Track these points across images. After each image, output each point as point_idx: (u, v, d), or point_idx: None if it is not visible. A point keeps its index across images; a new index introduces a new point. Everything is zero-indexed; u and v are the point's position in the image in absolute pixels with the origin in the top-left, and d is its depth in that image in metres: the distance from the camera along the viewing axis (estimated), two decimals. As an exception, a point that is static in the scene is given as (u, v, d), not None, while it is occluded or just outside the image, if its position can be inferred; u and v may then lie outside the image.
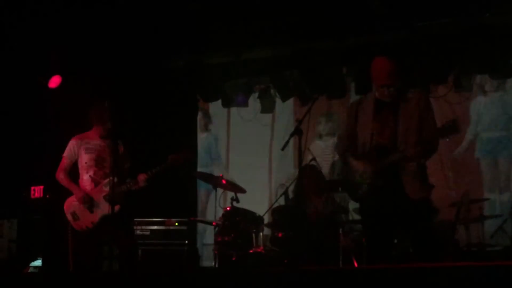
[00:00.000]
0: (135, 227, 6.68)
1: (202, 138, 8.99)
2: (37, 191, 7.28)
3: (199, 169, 8.60)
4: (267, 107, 8.61)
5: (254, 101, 8.61)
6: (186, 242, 6.86)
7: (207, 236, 8.33)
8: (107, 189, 5.68)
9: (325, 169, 7.90)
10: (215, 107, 8.90)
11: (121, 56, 7.66)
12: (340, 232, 6.32)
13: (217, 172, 7.85)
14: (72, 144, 5.92)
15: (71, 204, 5.80)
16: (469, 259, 6.63)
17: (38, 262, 7.12)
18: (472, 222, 6.85)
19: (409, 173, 4.72)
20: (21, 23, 7.21)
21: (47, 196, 7.21)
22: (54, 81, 7.53)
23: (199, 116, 8.98)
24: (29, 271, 7.04)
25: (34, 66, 7.51)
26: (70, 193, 5.87)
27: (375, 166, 4.75)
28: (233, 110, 8.75)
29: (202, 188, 8.70)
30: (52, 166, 6.07)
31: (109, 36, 7.41)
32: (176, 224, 6.88)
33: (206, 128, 9.05)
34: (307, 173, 6.83)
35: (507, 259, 6.36)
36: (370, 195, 4.82)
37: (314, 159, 6.94)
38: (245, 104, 8.58)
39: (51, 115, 7.57)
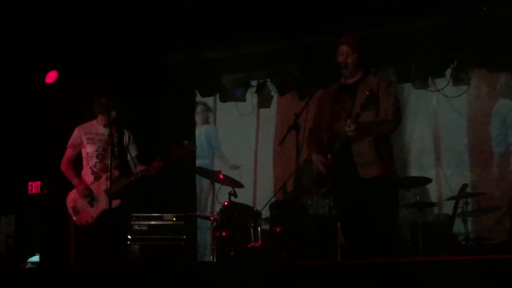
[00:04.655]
0: (132, 222, 6.66)
1: (200, 133, 8.98)
2: (34, 187, 7.25)
3: (197, 164, 8.59)
4: (265, 102, 8.59)
5: (251, 96, 8.59)
6: (184, 237, 6.85)
7: (205, 231, 8.32)
8: (109, 182, 5.52)
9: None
10: (213, 102, 8.88)
11: (118, 51, 7.64)
12: (338, 226, 6.31)
13: (215, 167, 7.83)
14: (76, 133, 5.80)
15: (73, 198, 5.70)
16: (467, 252, 6.64)
17: (35, 258, 7.10)
18: (470, 216, 6.86)
19: (359, 152, 4.59)
20: (19, 18, 7.19)
21: (45, 191, 7.19)
22: (51, 76, 7.49)
23: (197, 111, 8.96)
24: (27, 267, 7.03)
25: (31, 61, 7.49)
26: (68, 188, 5.82)
27: (331, 153, 4.65)
28: (231, 104, 8.72)
29: (200, 182, 8.70)
30: (49, 161, 6.04)
31: (106, 31, 7.39)
32: (174, 219, 6.86)
33: (203, 123, 9.03)
34: (305, 167, 6.81)
35: (505, 253, 6.36)
36: (336, 186, 4.75)
37: (312, 153, 6.92)
38: (242, 98, 8.56)
39: (48, 110, 7.55)
